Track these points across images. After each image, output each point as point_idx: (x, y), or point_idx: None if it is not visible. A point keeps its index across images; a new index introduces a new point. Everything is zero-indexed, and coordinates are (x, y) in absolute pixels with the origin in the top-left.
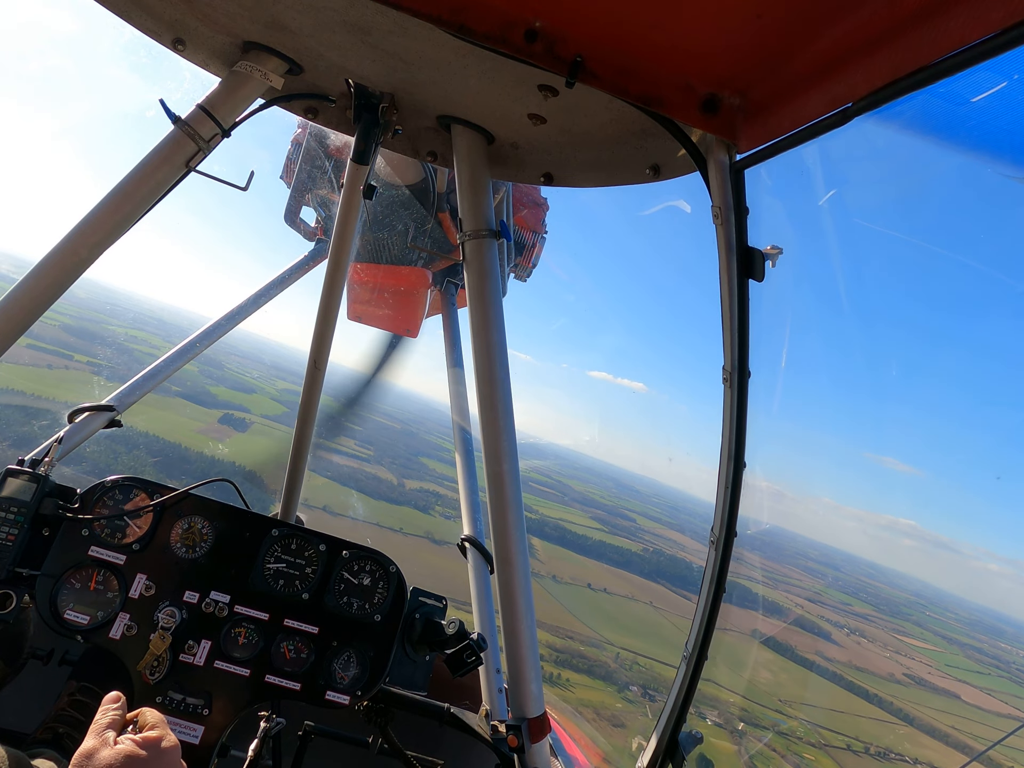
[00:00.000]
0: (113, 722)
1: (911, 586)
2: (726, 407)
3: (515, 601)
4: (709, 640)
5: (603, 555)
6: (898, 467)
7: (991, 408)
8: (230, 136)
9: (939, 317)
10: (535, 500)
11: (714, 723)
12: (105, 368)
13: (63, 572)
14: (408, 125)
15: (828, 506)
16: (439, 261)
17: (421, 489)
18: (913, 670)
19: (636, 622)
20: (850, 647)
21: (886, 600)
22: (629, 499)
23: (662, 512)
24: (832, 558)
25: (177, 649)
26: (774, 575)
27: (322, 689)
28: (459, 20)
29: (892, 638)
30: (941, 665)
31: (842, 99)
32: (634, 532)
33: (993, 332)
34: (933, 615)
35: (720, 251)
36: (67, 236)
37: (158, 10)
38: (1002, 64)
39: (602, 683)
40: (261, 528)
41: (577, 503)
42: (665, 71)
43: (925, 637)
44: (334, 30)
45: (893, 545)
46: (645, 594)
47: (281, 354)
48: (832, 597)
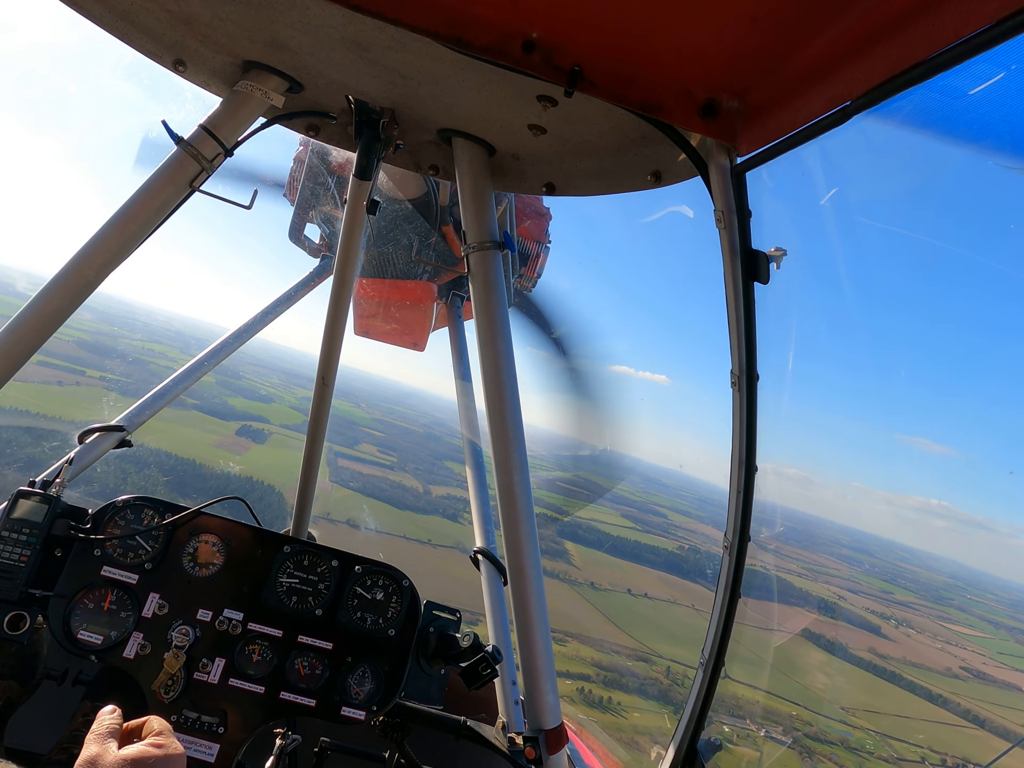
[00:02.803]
0: (112, 731)
1: (946, 568)
2: (735, 411)
3: (529, 612)
4: (726, 646)
5: (639, 556)
6: (932, 448)
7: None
8: (232, 155)
9: (949, 303)
10: (564, 501)
11: (779, 740)
12: (118, 383)
13: (76, 592)
14: (409, 139)
15: (858, 490)
16: (444, 274)
17: (448, 496)
18: (968, 662)
19: (681, 628)
20: (902, 641)
21: (925, 585)
22: (657, 493)
23: (691, 505)
24: (864, 543)
25: (191, 667)
26: (811, 565)
27: (337, 705)
28: (456, 34)
29: (939, 626)
30: (994, 653)
31: (840, 98)
32: (667, 529)
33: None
34: (974, 598)
35: (724, 255)
36: (74, 257)
37: (158, 32)
38: (998, 55)
39: (656, 704)
40: (273, 545)
41: (607, 500)
42: (663, 77)
43: (971, 623)
44: (333, 47)
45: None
46: (686, 596)
47: (299, 361)
48: (873, 586)
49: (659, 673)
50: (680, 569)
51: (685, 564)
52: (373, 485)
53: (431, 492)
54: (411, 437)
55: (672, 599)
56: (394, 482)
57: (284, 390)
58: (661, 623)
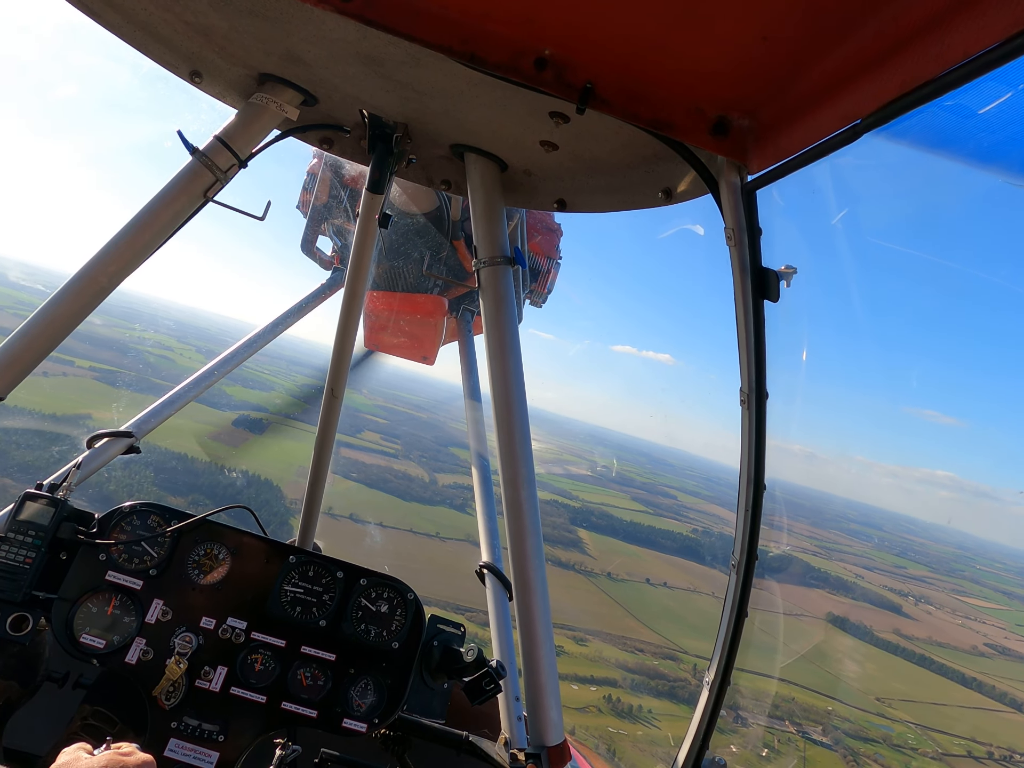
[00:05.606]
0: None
1: (952, 538)
2: (744, 429)
3: (534, 627)
4: (732, 665)
5: (654, 542)
6: (941, 420)
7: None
8: (247, 166)
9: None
10: (572, 484)
11: (820, 743)
12: (111, 374)
13: (80, 596)
14: (422, 154)
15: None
16: (455, 288)
17: (455, 484)
18: (991, 637)
19: (704, 620)
20: (924, 619)
21: (936, 558)
22: (665, 474)
23: (698, 484)
24: (871, 516)
25: (193, 675)
26: (823, 543)
27: (339, 717)
28: (470, 50)
29: (956, 600)
30: (1013, 627)
31: (850, 116)
32: (678, 511)
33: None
34: (983, 568)
35: (734, 272)
36: (88, 264)
37: (175, 43)
38: (1007, 74)
39: (687, 708)
40: (279, 555)
41: (615, 484)
42: (675, 95)
43: (985, 595)
44: (348, 62)
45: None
46: (706, 583)
47: (301, 348)
48: (886, 561)
49: (687, 672)
50: (696, 554)
51: (701, 548)
52: (377, 475)
53: (437, 481)
54: (415, 423)
55: (692, 587)
56: (399, 472)
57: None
58: (683, 615)
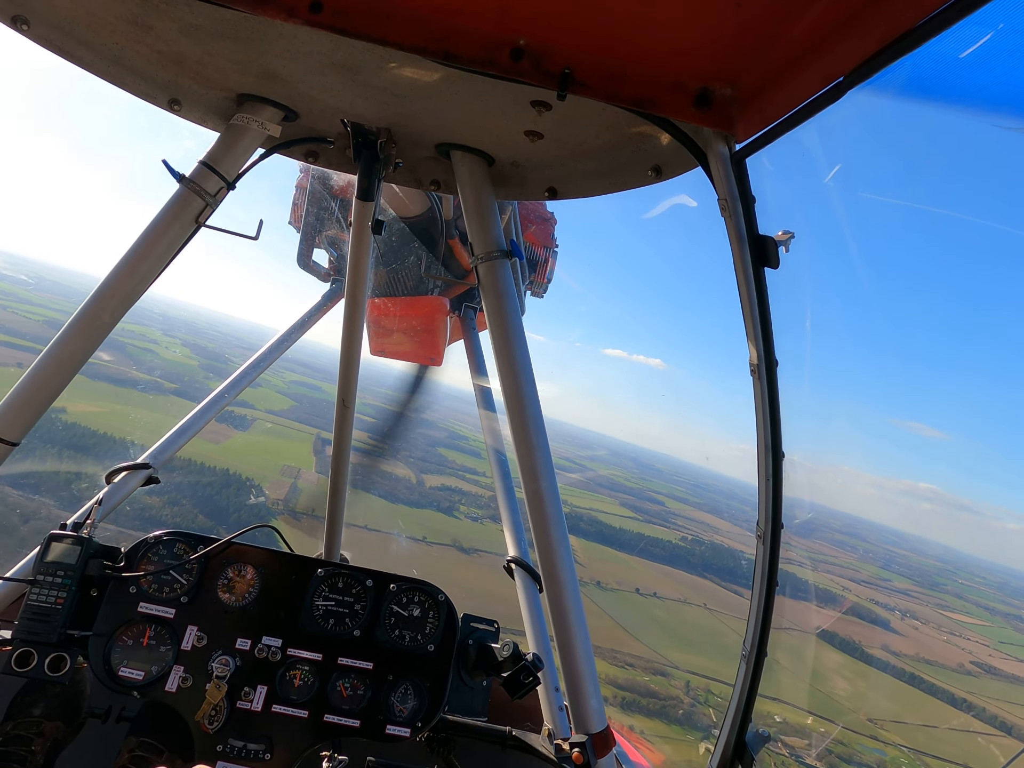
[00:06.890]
0: None
1: (933, 551)
2: (757, 399)
3: (567, 617)
4: (767, 636)
5: (643, 549)
6: (927, 432)
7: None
8: (235, 188)
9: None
10: (562, 489)
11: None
12: (91, 367)
13: (114, 630)
14: (408, 157)
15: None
16: (455, 287)
17: (443, 487)
18: (976, 655)
19: (696, 632)
20: (911, 635)
21: (918, 570)
22: (652, 479)
23: (687, 491)
24: (853, 527)
25: (234, 697)
26: (809, 554)
27: (382, 724)
28: (444, 48)
29: (940, 616)
30: (996, 643)
31: (833, 74)
32: (666, 518)
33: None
34: (964, 582)
35: (732, 242)
36: (88, 301)
37: (151, 74)
38: (985, 16)
39: (679, 729)
40: (306, 569)
41: (604, 488)
42: (654, 72)
43: (968, 610)
44: (324, 73)
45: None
46: (697, 594)
47: (291, 346)
48: (871, 573)
49: (678, 689)
50: (686, 563)
51: (691, 557)
52: (362, 475)
53: (424, 483)
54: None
55: (682, 598)
56: (385, 472)
57: (272, 373)
58: (673, 627)
